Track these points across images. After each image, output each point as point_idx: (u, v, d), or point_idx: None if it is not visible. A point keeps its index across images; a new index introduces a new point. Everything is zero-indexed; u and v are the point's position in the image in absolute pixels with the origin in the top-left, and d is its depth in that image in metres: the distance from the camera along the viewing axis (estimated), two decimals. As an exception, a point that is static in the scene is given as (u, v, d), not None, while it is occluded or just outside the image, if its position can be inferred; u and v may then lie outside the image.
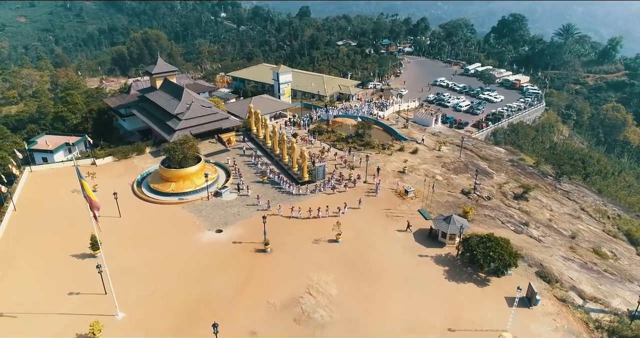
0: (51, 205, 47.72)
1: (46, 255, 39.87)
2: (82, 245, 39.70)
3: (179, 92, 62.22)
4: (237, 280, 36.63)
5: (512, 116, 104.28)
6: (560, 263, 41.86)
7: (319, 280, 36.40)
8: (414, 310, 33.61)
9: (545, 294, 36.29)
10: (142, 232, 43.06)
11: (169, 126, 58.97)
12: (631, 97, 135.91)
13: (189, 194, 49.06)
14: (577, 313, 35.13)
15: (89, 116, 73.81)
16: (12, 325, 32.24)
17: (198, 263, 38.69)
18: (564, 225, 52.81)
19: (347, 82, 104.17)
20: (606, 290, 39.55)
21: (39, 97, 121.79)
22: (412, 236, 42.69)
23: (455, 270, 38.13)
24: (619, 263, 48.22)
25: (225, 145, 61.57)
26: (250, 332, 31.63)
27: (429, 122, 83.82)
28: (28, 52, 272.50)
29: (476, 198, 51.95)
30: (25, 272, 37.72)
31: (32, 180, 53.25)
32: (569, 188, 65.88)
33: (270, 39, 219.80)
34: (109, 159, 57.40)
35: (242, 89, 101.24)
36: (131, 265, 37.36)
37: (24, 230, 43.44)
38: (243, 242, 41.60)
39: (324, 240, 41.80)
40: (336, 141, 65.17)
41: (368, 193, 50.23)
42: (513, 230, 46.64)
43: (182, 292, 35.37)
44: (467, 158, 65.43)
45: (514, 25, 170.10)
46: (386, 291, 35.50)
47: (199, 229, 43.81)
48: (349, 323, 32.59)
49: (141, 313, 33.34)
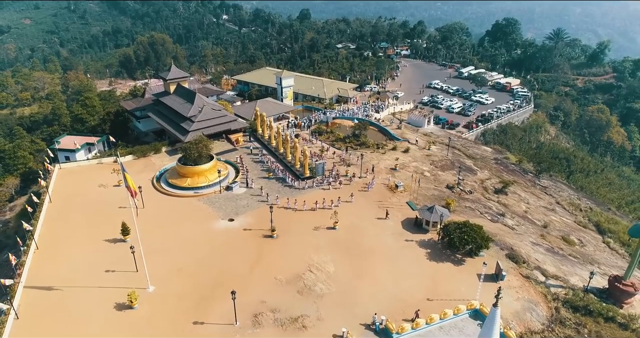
0: (81, 198, 53.90)
1: (82, 240, 46.02)
2: (112, 231, 45.92)
3: (191, 96, 68.39)
4: (249, 260, 42.79)
5: (501, 117, 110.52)
6: (528, 248, 48.05)
7: (319, 260, 42.56)
8: (398, 284, 39.73)
9: (512, 272, 42.47)
10: (164, 220, 49.19)
11: (183, 127, 65.11)
12: (618, 98, 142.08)
13: (203, 188, 55.23)
14: (538, 287, 41.32)
15: (107, 118, 80.00)
16: (62, 297, 38.36)
17: (215, 246, 44.89)
18: (538, 216, 58.97)
19: (345, 85, 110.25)
20: (567, 270, 45.76)
21: (52, 99, 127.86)
22: (400, 223, 48.88)
23: (435, 252, 44.30)
24: (585, 250, 54.39)
25: (233, 144, 67.77)
26: (261, 301, 37.74)
27: (422, 123, 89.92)
28: (35, 54, 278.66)
29: (459, 192, 58.10)
30: (66, 254, 43.87)
31: (62, 176, 59.40)
32: (547, 184, 72.04)
33: (271, 41, 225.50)
34: (129, 157, 63.56)
35: (246, 92, 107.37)
36: (158, 247, 43.40)
37: (61, 219, 49.64)
38: (252, 229, 47.78)
39: (323, 227, 47.95)
40: (335, 141, 71.29)
41: (362, 188, 56.38)
42: (490, 220, 52.81)
43: (202, 269, 41.54)
44: (454, 156, 71.61)
45: (507, 29, 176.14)
46: (375, 269, 41.65)
47: (213, 218, 50.01)
48: (343, 294, 38.73)
49: (169, 286, 39.49)
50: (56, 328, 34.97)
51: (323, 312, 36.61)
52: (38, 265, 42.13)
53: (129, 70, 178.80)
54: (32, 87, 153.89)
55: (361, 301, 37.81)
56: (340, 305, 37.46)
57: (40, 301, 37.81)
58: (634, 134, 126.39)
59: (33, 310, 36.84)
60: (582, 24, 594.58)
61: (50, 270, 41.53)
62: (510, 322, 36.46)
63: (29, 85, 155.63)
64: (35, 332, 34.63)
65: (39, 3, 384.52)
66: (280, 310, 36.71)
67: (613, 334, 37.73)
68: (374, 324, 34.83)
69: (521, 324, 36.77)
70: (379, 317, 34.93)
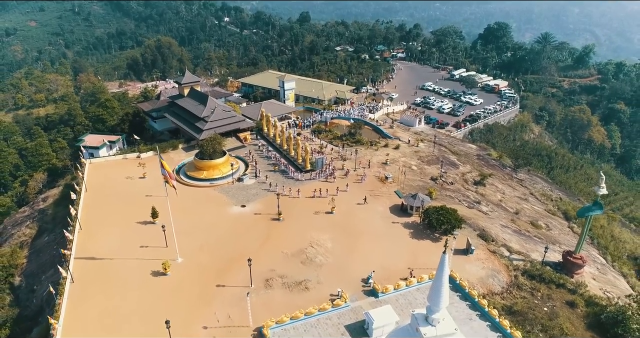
0: (111, 188, 61.96)
1: (117, 221, 54.06)
2: (142, 215, 54.02)
3: (204, 99, 76.40)
4: (260, 238, 50.80)
5: (488, 117, 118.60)
6: (498, 229, 56.13)
7: (318, 238, 50.57)
8: (385, 257, 47.71)
9: (481, 248, 50.51)
10: (186, 206, 57.02)
11: (197, 127, 73.09)
12: (601, 99, 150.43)
13: (218, 180, 63.29)
14: (503, 260, 49.35)
15: (126, 118, 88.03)
16: (106, 266, 46.39)
17: (230, 228, 52.92)
18: (511, 205, 67.06)
19: (343, 87, 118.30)
20: (530, 247, 53.85)
21: (67, 101, 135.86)
22: (388, 209, 56.92)
23: (417, 231, 52.34)
24: (550, 233, 62.47)
25: (242, 142, 75.78)
26: (271, 269, 45.73)
27: (414, 122, 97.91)
28: (42, 56, 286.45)
29: (441, 184, 66.14)
30: (105, 233, 51.91)
31: (93, 169, 67.41)
32: (524, 177, 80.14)
33: (272, 44, 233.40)
34: (150, 153, 71.53)
35: (251, 93, 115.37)
36: (182, 228, 51.14)
37: (96, 205, 57.67)
38: (262, 214, 55.81)
39: (322, 212, 55.96)
40: (333, 139, 79.24)
41: (357, 180, 64.38)
42: (466, 206, 60.87)
43: (221, 245, 49.57)
44: (440, 152, 79.64)
45: (498, 33, 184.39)
46: (366, 245, 49.67)
47: (228, 205, 58.06)
48: (339, 264, 46.73)
49: (194, 258, 47.50)
50: (105, 290, 43.02)
51: (322, 278, 44.67)
52: (83, 241, 50.15)
53: (137, 72, 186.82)
54: (46, 89, 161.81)
55: (353, 269, 45.79)
56: (336, 272, 45.48)
57: (88, 269, 45.85)
58: (614, 132, 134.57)
59: (84, 276, 44.84)
60: (580, 24, 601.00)
61: (94, 245, 49.54)
62: (475, 285, 44.49)
63: (42, 87, 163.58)
64: (88, 293, 42.64)
65: (44, 5, 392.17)
66: (287, 276, 44.75)
67: (562, 297, 45.73)
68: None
69: (484, 287, 44.81)
70: (371, 280, 43.05)
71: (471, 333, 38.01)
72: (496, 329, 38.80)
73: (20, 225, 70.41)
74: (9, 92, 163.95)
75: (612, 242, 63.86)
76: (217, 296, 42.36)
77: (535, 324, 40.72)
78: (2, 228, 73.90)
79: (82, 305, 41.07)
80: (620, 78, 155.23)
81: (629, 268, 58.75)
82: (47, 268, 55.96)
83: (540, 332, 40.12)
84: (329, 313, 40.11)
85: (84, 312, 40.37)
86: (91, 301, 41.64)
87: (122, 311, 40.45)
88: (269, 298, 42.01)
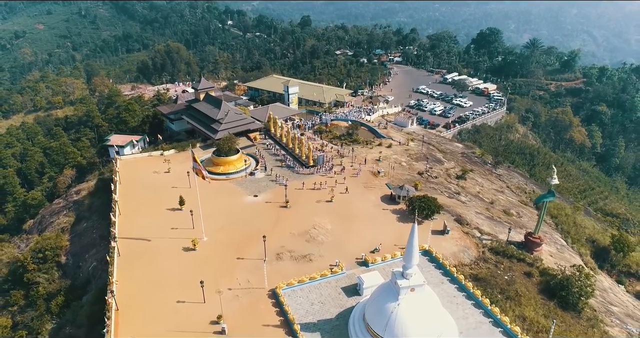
0: (141, 180, 71.76)
1: (149, 208, 63.84)
2: (170, 203, 63.78)
3: (218, 103, 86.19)
4: (270, 222, 60.54)
5: (476, 118, 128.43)
6: (473, 215, 65.92)
7: (320, 221, 60.31)
8: (375, 236, 57.31)
9: (456, 230, 60.25)
10: (207, 195, 66.24)
11: (213, 128, 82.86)
12: (585, 101, 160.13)
13: (233, 174, 73.07)
14: (474, 239, 59.12)
15: (146, 120, 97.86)
16: (145, 243, 56.21)
17: (245, 213, 62.72)
18: (488, 196, 76.83)
19: (342, 91, 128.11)
20: (499, 230, 63.63)
21: (85, 103, 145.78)
22: (379, 198, 66.67)
23: (403, 216, 62.06)
24: (520, 220, 72.22)
25: (252, 141, 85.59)
26: (281, 246, 55.45)
27: (406, 123, 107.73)
28: (52, 59, 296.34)
29: (426, 177, 75.90)
30: (140, 217, 61.69)
31: (123, 165, 77.21)
32: (502, 172, 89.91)
33: (274, 47, 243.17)
34: (172, 151, 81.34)
35: (257, 97, 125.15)
36: (206, 213, 60.65)
37: (131, 195, 67.40)
38: (272, 202, 65.60)
39: (322, 201, 65.71)
40: (332, 138, 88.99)
41: (353, 174, 74.10)
42: (447, 196, 70.64)
43: (238, 227, 59.34)
44: (428, 151, 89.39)
45: (490, 38, 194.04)
46: (360, 227, 59.39)
47: (242, 195, 67.89)
48: (337, 242, 56.46)
49: (216, 238, 57.25)
50: (146, 262, 52.84)
51: (323, 252, 54.44)
52: (123, 224, 59.96)
53: (146, 75, 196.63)
54: (62, 91, 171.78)
55: (349, 246, 55.49)
56: (335, 248, 55.22)
57: (130, 246, 55.64)
58: (595, 132, 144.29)
59: (127, 252, 54.63)
60: (578, 25, 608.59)
61: (132, 227, 59.34)
62: (449, 258, 54.25)
63: (58, 89, 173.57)
64: (133, 264, 52.44)
65: (51, 8, 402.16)
66: (295, 251, 54.55)
67: (521, 269, 55.48)
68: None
69: (456, 260, 54.56)
70: (363, 254, 52.86)
71: (442, 293, 47.64)
72: (462, 290, 48.52)
73: (58, 214, 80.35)
74: (27, 95, 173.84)
75: (574, 228, 73.67)
76: (238, 266, 52.20)
77: (495, 288, 50.47)
78: (40, 218, 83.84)
79: (129, 272, 50.87)
80: (603, 81, 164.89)
81: (585, 249, 68.66)
82: (89, 248, 66.06)
83: (498, 294, 49.85)
84: (329, 278, 49.89)
85: (132, 276, 50.20)
86: (136, 269, 51.48)
87: (162, 276, 50.30)
88: (280, 267, 51.82)
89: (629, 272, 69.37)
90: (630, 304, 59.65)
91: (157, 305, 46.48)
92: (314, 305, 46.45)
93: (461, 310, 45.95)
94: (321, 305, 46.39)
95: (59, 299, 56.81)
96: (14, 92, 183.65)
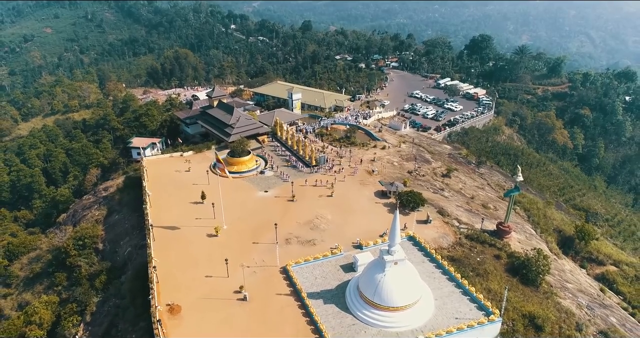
0: (166, 178, 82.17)
1: (175, 202, 74.26)
2: (192, 197, 74.19)
3: (230, 109, 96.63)
4: (279, 213, 70.94)
5: (465, 122, 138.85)
6: (453, 208, 76.33)
7: (322, 213, 70.73)
8: (368, 225, 67.67)
9: (438, 220, 70.65)
10: (224, 191, 76.80)
11: (226, 132, 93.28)
12: (569, 105, 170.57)
13: (245, 172, 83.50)
14: (452, 228, 69.52)
15: (164, 124, 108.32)
16: (174, 231, 66.64)
17: (258, 205, 73.18)
18: (469, 192, 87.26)
19: (341, 96, 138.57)
20: (475, 221, 74.01)
21: (102, 107, 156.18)
22: (373, 194, 77.11)
23: (392, 208, 72.32)
24: (496, 213, 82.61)
25: (261, 143, 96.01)
26: (289, 233, 65.87)
27: (400, 127, 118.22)
28: (61, 62, 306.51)
29: (415, 175, 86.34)
30: (168, 209, 72.07)
31: (148, 164, 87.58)
32: (485, 171, 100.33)
33: (277, 52, 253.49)
34: (190, 152, 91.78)
35: (263, 102, 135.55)
36: (224, 205, 71.34)
37: (158, 190, 77.66)
38: (280, 196, 76.05)
39: (324, 195, 76.11)
40: (332, 141, 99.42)
41: (350, 173, 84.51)
42: (432, 192, 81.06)
43: (252, 218, 69.77)
44: (418, 152, 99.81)
45: (482, 44, 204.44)
46: (356, 218, 69.79)
47: (254, 190, 78.35)
48: (337, 230, 66.86)
49: (234, 226, 67.67)
50: (177, 245, 63.26)
51: (325, 238, 64.87)
52: (154, 215, 70.34)
53: (156, 80, 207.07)
54: (78, 96, 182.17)
55: (346, 233, 65.85)
56: (335, 235, 65.63)
57: (163, 233, 66.04)
58: (578, 134, 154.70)
59: (161, 237, 65.03)
60: (576, 27, 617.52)
61: (162, 217, 69.73)
62: (430, 242, 64.68)
63: (74, 94, 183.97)
64: (167, 248, 62.78)
65: (58, 12, 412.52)
66: (301, 237, 64.99)
67: (491, 252, 65.81)
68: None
69: (436, 244, 64.93)
70: (358, 239, 63.32)
71: (423, 270, 57.95)
72: (439, 268, 58.89)
73: (89, 208, 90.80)
74: (45, 98, 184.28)
75: (544, 219, 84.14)
76: (254, 249, 62.67)
77: (467, 267, 60.88)
78: (73, 212, 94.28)
79: (164, 253, 61.27)
80: (587, 86, 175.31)
81: (552, 237, 79.17)
82: (123, 236, 76.49)
83: (470, 271, 60.23)
84: (330, 258, 60.31)
85: (167, 256, 60.63)
86: (170, 251, 61.92)
87: (191, 256, 60.80)
88: (289, 249, 62.26)
89: (590, 258, 79.97)
90: (586, 283, 70.11)
91: (189, 278, 56.97)
92: (318, 279, 56.88)
93: (437, 282, 56.36)
94: (323, 279, 56.83)
95: (102, 277, 67.15)
96: (31, 95, 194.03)
